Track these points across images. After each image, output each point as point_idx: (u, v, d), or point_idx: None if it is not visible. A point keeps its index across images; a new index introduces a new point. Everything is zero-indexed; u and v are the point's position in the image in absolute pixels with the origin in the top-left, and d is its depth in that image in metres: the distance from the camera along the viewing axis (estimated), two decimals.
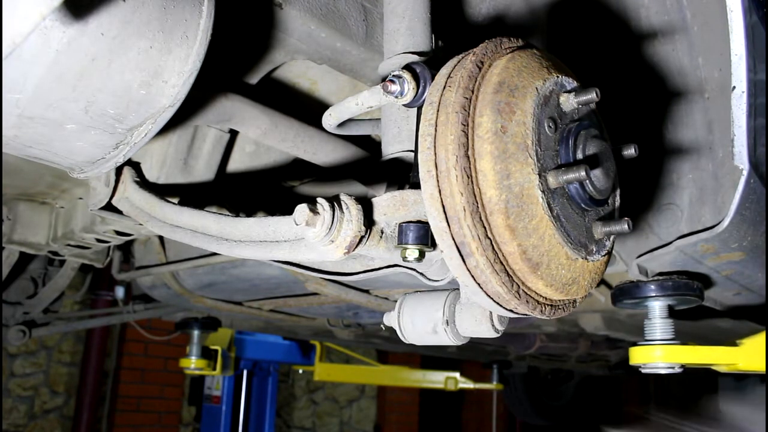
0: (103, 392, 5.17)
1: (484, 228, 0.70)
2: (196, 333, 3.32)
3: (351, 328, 2.83)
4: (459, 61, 0.79)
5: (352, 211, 0.78)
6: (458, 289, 0.90)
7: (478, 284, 0.73)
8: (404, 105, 0.86)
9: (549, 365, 4.43)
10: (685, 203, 1.34)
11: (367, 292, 2.02)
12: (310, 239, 0.77)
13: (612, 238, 0.87)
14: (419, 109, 0.83)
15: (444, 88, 0.76)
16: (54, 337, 5.01)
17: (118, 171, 1.20)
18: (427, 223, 0.76)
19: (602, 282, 1.88)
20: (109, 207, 1.22)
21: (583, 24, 1.33)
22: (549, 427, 5.76)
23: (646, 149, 0.95)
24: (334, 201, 0.77)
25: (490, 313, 0.86)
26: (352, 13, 1.15)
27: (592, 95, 0.77)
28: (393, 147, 0.96)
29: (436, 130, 0.73)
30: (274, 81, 1.34)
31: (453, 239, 0.71)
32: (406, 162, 0.94)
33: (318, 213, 0.76)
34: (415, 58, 0.95)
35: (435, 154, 0.72)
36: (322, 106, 1.18)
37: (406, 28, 0.99)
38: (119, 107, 0.87)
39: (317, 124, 1.11)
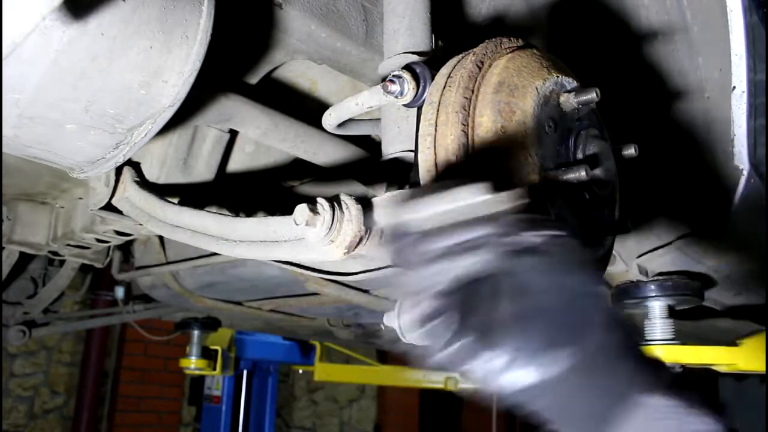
0: (103, 392, 5.16)
1: None
2: (196, 333, 3.32)
3: (351, 328, 2.83)
4: (459, 61, 0.79)
5: (352, 211, 0.78)
6: None
7: None
8: (404, 105, 0.86)
9: None
10: (684, 203, 1.34)
11: (367, 292, 2.02)
12: (310, 239, 0.77)
13: (611, 238, 0.87)
14: (419, 109, 0.83)
15: (444, 88, 0.76)
16: (54, 337, 5.00)
17: (118, 171, 1.20)
18: None
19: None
20: (109, 207, 1.22)
21: (583, 24, 1.33)
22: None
23: (646, 149, 0.95)
24: (334, 201, 0.77)
25: None
26: (352, 13, 1.15)
27: (592, 95, 0.77)
28: (393, 147, 0.96)
29: (436, 130, 0.73)
30: (274, 81, 1.34)
31: None
32: (406, 162, 0.94)
33: (318, 213, 0.76)
34: (415, 58, 0.94)
35: (435, 154, 0.72)
36: (322, 106, 1.18)
37: (406, 28, 0.99)
38: (119, 107, 0.87)
39: (317, 124, 1.10)
